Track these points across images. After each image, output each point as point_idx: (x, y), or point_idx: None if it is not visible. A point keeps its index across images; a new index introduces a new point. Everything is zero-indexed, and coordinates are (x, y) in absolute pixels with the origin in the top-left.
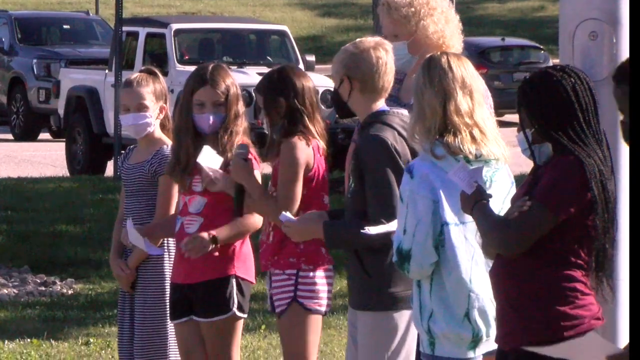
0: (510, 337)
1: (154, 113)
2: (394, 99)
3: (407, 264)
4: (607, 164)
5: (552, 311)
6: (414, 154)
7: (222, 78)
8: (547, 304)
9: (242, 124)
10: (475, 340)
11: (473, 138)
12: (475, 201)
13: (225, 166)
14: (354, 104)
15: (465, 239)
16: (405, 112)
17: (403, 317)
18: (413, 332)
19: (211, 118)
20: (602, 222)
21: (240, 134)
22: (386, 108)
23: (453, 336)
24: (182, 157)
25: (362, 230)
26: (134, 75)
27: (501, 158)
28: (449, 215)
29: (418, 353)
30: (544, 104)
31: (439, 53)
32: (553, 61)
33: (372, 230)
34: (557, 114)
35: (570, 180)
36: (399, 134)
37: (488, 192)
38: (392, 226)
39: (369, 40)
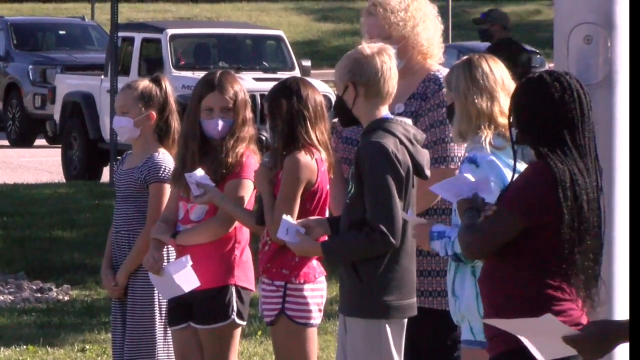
0: (492, 342)
1: (139, 119)
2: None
3: None
4: (589, 175)
5: (527, 316)
6: (414, 163)
7: (231, 84)
8: (522, 310)
9: (249, 131)
10: None
11: None
12: (466, 209)
13: (216, 182)
14: (358, 110)
15: None
16: (409, 121)
17: (395, 326)
18: (403, 342)
19: (220, 123)
20: (571, 232)
21: (247, 141)
22: (390, 116)
23: None
24: (188, 162)
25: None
26: (133, 80)
27: None
28: None
29: None
30: (527, 108)
31: (476, 56)
32: (549, 65)
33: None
34: (537, 120)
35: (537, 187)
36: (401, 142)
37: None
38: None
39: (372, 46)
